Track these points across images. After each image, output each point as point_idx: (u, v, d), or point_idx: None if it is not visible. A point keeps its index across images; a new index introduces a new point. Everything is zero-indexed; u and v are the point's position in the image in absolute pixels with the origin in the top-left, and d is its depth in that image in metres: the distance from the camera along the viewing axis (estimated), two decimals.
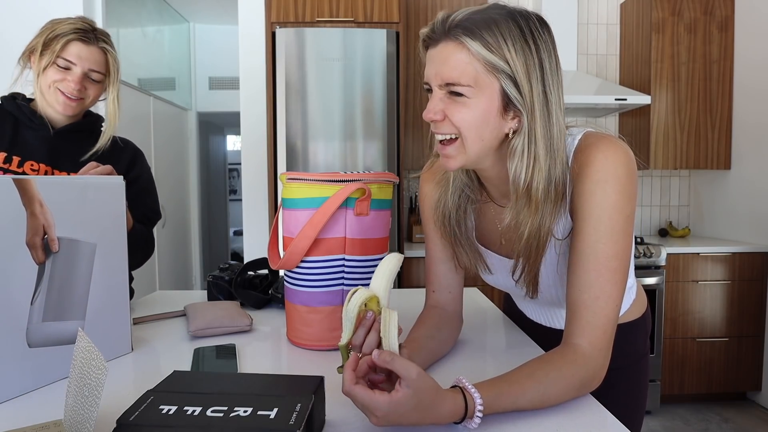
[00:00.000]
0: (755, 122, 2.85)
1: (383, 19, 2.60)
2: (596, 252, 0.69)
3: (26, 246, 0.70)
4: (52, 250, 0.74)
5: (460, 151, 0.72)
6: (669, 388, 2.78)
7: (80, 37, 1.15)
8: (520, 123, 0.70)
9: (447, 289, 0.93)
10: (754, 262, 2.77)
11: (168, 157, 4.01)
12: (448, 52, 0.68)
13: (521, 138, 0.69)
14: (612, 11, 3.35)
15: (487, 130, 0.70)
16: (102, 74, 1.19)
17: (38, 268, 0.72)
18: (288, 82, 2.49)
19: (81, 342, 0.52)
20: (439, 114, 0.70)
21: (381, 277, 0.65)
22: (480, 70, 0.67)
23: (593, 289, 0.69)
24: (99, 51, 1.18)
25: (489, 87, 0.68)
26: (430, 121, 0.72)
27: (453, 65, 0.68)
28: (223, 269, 1.24)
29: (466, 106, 0.69)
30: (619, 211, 0.69)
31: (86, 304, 0.79)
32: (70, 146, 1.21)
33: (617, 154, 0.69)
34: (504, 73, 0.67)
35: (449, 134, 0.71)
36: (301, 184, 0.87)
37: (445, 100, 0.70)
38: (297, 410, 0.51)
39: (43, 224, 0.72)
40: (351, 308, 0.62)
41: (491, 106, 0.69)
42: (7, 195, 0.67)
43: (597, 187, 0.69)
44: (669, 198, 3.42)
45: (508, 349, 0.93)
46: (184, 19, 4.64)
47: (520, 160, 0.70)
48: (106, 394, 0.69)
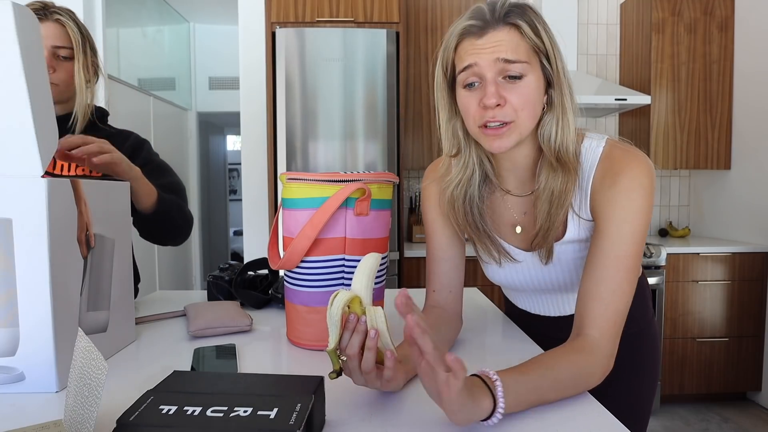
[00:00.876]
0: (755, 122, 2.86)
1: (383, 19, 2.60)
2: (617, 250, 0.74)
3: (77, 241, 0.76)
4: (91, 245, 0.80)
5: (514, 131, 0.77)
6: (669, 388, 2.78)
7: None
8: (548, 99, 0.78)
9: (448, 288, 0.93)
10: (754, 262, 2.77)
11: (168, 158, 3.97)
12: (503, 35, 0.75)
13: (554, 112, 0.78)
14: (612, 11, 3.35)
15: (538, 107, 0.78)
16: (69, 49, 1.16)
17: (83, 261, 0.78)
18: (288, 82, 2.49)
19: (81, 342, 0.52)
20: (502, 99, 0.75)
21: (361, 277, 0.64)
22: (528, 50, 0.75)
23: (610, 283, 0.73)
24: (55, 24, 1.15)
25: (536, 65, 0.76)
26: (489, 107, 0.75)
27: (511, 46, 0.74)
28: (223, 269, 1.24)
29: (523, 85, 0.75)
30: (642, 216, 0.75)
31: (110, 295, 0.86)
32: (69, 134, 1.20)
33: (643, 166, 0.76)
34: (542, 53, 0.76)
35: (509, 119, 0.75)
36: (301, 184, 0.87)
37: (501, 85, 0.75)
38: (297, 410, 0.51)
39: (87, 221, 0.78)
40: (334, 312, 0.60)
41: (539, 84, 0.77)
42: (66, 195, 0.73)
43: (624, 194, 0.75)
44: (669, 198, 3.42)
45: (508, 349, 0.93)
46: (184, 19, 4.64)
47: (554, 130, 0.78)
48: (106, 394, 0.69)
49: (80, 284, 0.76)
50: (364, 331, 0.61)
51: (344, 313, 0.61)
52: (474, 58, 0.75)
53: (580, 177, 0.80)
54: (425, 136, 3.02)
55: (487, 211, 0.89)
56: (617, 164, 0.77)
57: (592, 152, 0.80)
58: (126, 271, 0.92)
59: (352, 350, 0.61)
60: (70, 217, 0.74)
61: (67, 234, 0.73)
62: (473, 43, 0.76)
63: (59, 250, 0.70)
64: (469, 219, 0.88)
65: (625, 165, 0.76)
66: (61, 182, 0.72)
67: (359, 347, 0.61)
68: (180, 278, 4.30)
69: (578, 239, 0.84)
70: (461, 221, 0.88)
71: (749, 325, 2.79)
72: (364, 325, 0.61)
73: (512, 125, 0.76)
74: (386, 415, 0.63)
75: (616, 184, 0.76)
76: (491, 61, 0.74)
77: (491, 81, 0.74)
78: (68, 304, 0.73)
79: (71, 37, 1.16)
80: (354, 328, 0.61)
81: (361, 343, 0.61)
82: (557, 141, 0.78)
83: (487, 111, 0.75)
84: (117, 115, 3.03)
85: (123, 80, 3.32)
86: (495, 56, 0.74)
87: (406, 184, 3.12)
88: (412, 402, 0.67)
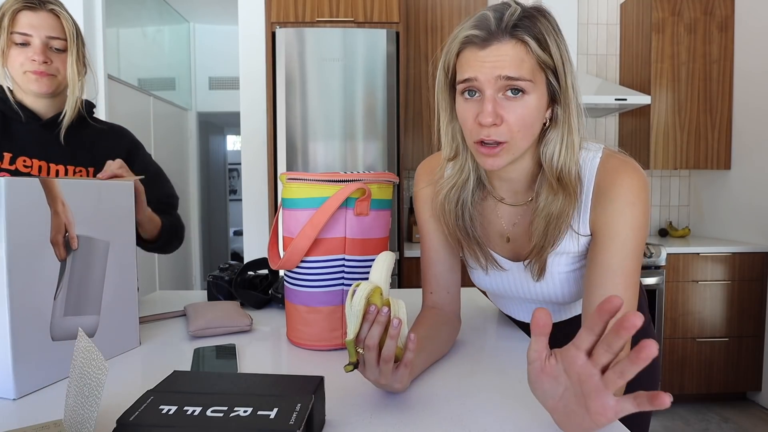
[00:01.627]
0: (755, 122, 2.85)
1: (383, 19, 2.60)
2: (623, 267, 0.73)
3: (50, 243, 0.73)
4: (72, 247, 0.77)
5: (508, 152, 0.74)
6: (669, 388, 2.78)
7: (25, 4, 1.10)
8: (553, 114, 0.75)
9: (445, 289, 0.93)
10: (754, 262, 2.77)
11: (168, 157, 4.01)
12: (507, 48, 0.70)
13: (558, 129, 0.75)
14: (612, 11, 3.35)
15: (537, 126, 0.75)
16: (62, 40, 1.14)
17: (60, 264, 0.75)
18: (288, 82, 2.49)
19: (81, 342, 0.52)
20: (498, 118, 0.72)
21: (380, 270, 0.64)
22: (534, 66, 0.71)
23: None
24: (50, 15, 1.13)
25: (540, 82, 0.72)
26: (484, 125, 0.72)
27: (514, 63, 0.70)
28: (223, 269, 1.24)
29: (523, 103, 0.71)
30: (642, 231, 0.74)
31: (101, 300, 0.83)
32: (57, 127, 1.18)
33: (641, 179, 0.75)
34: (549, 68, 0.72)
35: (503, 140, 0.72)
36: (301, 184, 0.87)
37: (499, 101, 0.72)
38: (297, 410, 0.51)
39: (65, 222, 0.75)
40: (356, 302, 0.60)
41: (542, 102, 0.73)
42: (34, 195, 0.70)
43: (626, 208, 0.74)
44: (669, 198, 3.42)
45: (507, 349, 0.93)
46: (184, 20, 4.64)
47: (557, 150, 0.75)
48: (107, 393, 0.69)
49: (54, 288, 0.73)
50: (384, 322, 0.60)
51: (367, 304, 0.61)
52: (474, 72, 0.71)
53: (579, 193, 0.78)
54: (425, 136, 3.02)
55: (477, 218, 0.88)
56: (616, 178, 0.75)
57: (589, 164, 0.78)
58: (127, 273, 0.89)
59: (372, 341, 0.61)
60: (39, 218, 0.71)
61: (34, 236, 0.70)
62: (476, 55, 0.72)
63: (21, 252, 0.68)
64: (459, 223, 0.87)
65: (625, 178, 0.74)
66: (24, 182, 0.69)
67: (378, 338, 0.61)
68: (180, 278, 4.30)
69: (572, 252, 0.82)
70: (452, 225, 0.87)
71: (749, 325, 2.79)
72: (385, 316, 0.60)
73: (506, 146, 0.73)
74: (386, 415, 0.63)
75: (615, 199, 0.74)
76: (492, 77, 0.70)
77: (489, 98, 0.71)
78: (32, 309, 0.70)
79: (65, 29, 1.15)
80: (374, 319, 0.61)
81: (380, 334, 0.61)
82: (560, 161, 0.75)
83: (482, 128, 0.73)
84: (117, 115, 3.04)
85: (123, 80, 3.32)
86: (496, 73, 0.70)
87: (406, 184, 3.12)
88: (412, 402, 0.67)
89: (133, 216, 0.91)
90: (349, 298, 0.62)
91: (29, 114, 1.16)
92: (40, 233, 0.71)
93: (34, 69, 1.11)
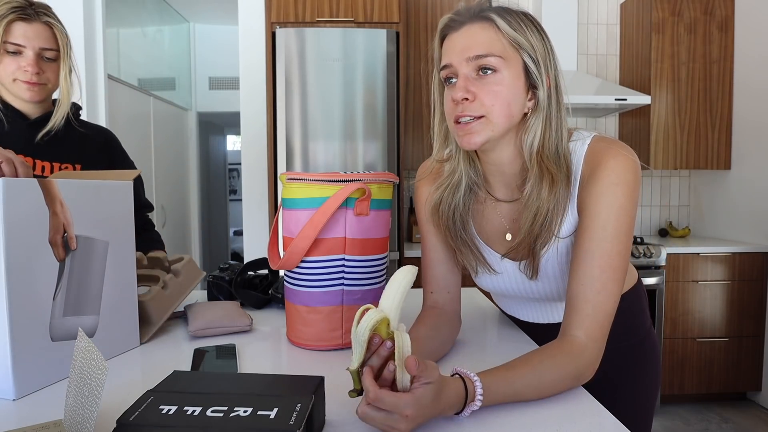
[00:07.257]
0: (755, 122, 2.85)
1: (383, 19, 2.60)
2: (602, 249, 0.72)
3: (49, 244, 0.73)
4: (71, 247, 0.77)
5: (486, 126, 0.75)
6: (669, 388, 2.78)
7: (20, 15, 1.11)
8: (536, 103, 0.76)
9: (445, 289, 0.93)
10: (754, 262, 2.77)
11: (168, 157, 4.01)
12: (475, 29, 0.74)
13: (538, 115, 0.76)
14: (612, 11, 3.35)
15: (515, 106, 0.75)
16: (55, 51, 1.16)
17: (59, 265, 0.75)
18: (288, 82, 2.49)
19: (81, 342, 0.52)
20: (470, 94, 0.73)
21: (393, 295, 0.60)
22: (506, 45, 0.74)
23: (596, 283, 0.72)
24: (44, 26, 1.14)
25: (514, 60, 0.74)
26: (458, 102, 0.74)
27: (482, 40, 0.74)
28: (223, 269, 1.24)
29: (496, 80, 0.74)
30: (626, 213, 0.73)
31: (101, 300, 0.83)
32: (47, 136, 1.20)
33: (628, 160, 0.74)
34: (525, 51, 0.74)
35: (478, 114, 0.74)
36: (301, 184, 0.87)
37: (473, 80, 0.74)
38: (297, 410, 0.51)
39: (64, 223, 0.75)
40: (361, 332, 0.58)
41: (518, 81, 0.75)
42: (32, 195, 0.70)
43: (608, 189, 0.73)
44: (669, 198, 3.42)
45: (507, 348, 0.93)
46: (184, 19, 4.64)
47: (537, 136, 0.76)
48: (107, 393, 0.69)
49: (53, 288, 0.73)
50: (385, 356, 0.58)
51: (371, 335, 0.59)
52: (449, 58, 0.76)
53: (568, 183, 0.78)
54: (425, 136, 3.01)
55: (471, 220, 0.88)
56: (603, 157, 0.75)
57: (578, 151, 0.78)
58: (127, 274, 0.89)
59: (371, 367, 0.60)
60: (38, 218, 0.71)
61: (33, 236, 0.70)
62: (450, 40, 0.77)
63: (20, 253, 0.68)
64: (450, 224, 0.87)
65: (610, 157, 0.74)
66: (23, 182, 0.69)
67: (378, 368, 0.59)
68: None
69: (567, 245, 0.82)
70: (443, 227, 0.88)
71: (749, 325, 2.79)
72: (387, 350, 0.58)
73: (483, 120, 0.74)
74: None
75: (601, 177, 0.74)
76: (463, 59, 0.74)
77: (462, 76, 0.75)
78: (31, 310, 0.70)
79: (58, 41, 1.16)
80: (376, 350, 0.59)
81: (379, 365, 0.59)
82: (538, 146, 0.76)
83: (457, 105, 0.75)
84: (117, 115, 3.04)
85: (123, 80, 3.32)
86: (466, 54, 0.74)
87: (406, 184, 3.12)
88: None
89: (133, 216, 0.91)
90: (355, 324, 0.59)
91: (17, 114, 1.18)
92: (39, 234, 0.71)
93: (26, 79, 1.12)
